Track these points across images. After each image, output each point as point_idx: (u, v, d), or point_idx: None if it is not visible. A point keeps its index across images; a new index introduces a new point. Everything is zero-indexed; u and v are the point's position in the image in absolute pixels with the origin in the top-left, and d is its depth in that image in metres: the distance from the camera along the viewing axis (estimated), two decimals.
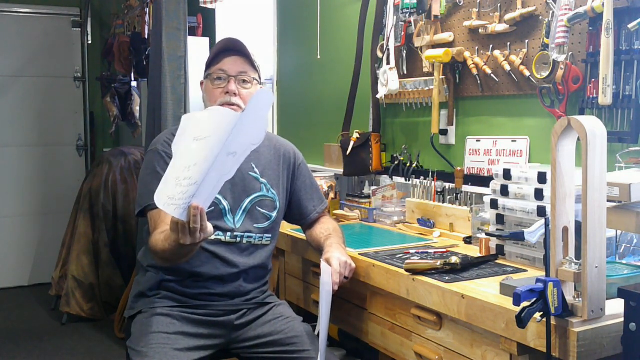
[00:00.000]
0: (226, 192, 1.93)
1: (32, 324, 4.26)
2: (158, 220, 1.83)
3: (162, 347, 1.76)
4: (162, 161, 1.90)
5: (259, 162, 2.03)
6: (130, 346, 1.84)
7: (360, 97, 2.94)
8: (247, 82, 1.95)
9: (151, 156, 1.95)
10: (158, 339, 1.78)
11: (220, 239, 1.91)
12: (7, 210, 5.19)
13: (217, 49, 1.98)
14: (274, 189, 2.03)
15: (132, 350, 1.82)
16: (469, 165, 2.39)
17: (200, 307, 1.90)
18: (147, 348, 1.76)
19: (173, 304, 1.89)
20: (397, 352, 1.88)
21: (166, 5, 3.29)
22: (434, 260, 1.79)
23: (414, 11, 2.51)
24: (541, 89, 2.04)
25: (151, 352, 1.74)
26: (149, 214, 1.87)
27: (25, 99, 5.23)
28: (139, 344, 1.80)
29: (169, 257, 1.72)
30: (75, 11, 5.37)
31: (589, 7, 1.82)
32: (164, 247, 1.68)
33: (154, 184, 1.64)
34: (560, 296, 1.30)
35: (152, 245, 1.78)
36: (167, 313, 1.86)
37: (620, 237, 1.73)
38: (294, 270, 2.45)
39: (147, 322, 1.85)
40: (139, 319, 1.90)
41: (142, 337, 1.81)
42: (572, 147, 1.35)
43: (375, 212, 2.57)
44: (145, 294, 1.93)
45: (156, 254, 1.76)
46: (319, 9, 3.25)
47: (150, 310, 1.89)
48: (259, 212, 1.98)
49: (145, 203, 1.87)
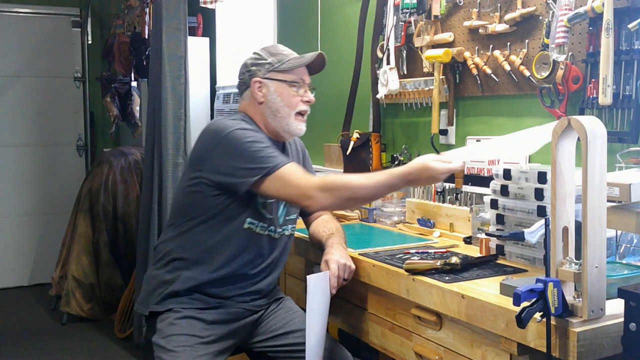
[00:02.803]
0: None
1: (32, 324, 4.26)
2: (296, 171, 1.81)
3: (195, 350, 1.79)
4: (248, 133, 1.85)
5: (293, 156, 2.08)
6: (159, 343, 1.82)
7: (360, 97, 2.94)
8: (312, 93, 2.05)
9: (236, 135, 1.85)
10: (190, 342, 1.81)
11: (271, 234, 1.95)
12: (7, 210, 5.19)
13: (307, 58, 2.01)
14: None
15: (161, 348, 1.81)
16: (469, 165, 2.38)
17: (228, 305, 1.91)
18: (180, 349, 1.78)
19: (203, 306, 1.89)
20: (397, 352, 1.88)
21: (166, 5, 3.29)
22: (434, 260, 1.79)
23: (414, 11, 2.51)
24: (541, 89, 2.04)
25: (184, 354, 1.77)
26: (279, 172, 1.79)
27: (25, 99, 5.23)
28: (169, 342, 1.80)
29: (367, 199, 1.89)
30: (75, 11, 5.37)
31: (589, 7, 1.82)
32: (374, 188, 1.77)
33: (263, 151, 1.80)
34: (560, 296, 1.30)
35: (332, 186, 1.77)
36: (199, 317, 1.87)
37: (620, 237, 1.72)
38: (294, 270, 2.45)
39: (178, 322, 1.85)
40: (168, 317, 1.87)
41: (173, 337, 1.81)
42: (572, 147, 1.35)
43: (375, 212, 2.57)
44: (178, 293, 1.90)
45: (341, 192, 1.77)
46: (319, 9, 3.25)
47: (181, 310, 1.87)
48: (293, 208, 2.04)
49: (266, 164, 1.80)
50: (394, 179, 1.75)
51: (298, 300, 2.42)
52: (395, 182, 1.76)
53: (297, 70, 1.99)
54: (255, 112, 1.98)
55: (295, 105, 1.96)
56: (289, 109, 1.96)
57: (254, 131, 1.89)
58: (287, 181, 1.79)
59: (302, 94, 1.98)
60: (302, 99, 1.98)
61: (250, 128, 1.90)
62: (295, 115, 1.97)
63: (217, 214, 1.88)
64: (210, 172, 1.85)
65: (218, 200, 1.87)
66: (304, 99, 1.98)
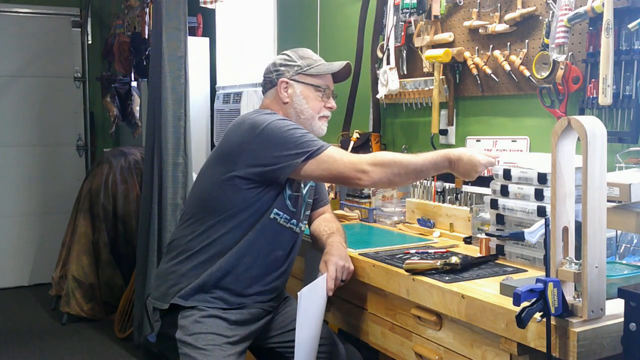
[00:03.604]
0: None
1: (32, 324, 4.26)
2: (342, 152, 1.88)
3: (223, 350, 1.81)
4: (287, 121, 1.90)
5: None
6: (186, 340, 1.82)
7: (360, 97, 2.94)
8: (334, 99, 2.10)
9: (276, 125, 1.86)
10: (218, 341, 1.82)
11: (292, 228, 1.97)
12: (7, 210, 5.19)
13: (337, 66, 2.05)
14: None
15: (189, 345, 1.81)
16: None
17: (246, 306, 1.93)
18: (210, 347, 1.80)
19: (226, 306, 1.90)
20: (397, 352, 1.88)
21: (166, 5, 3.29)
22: (434, 260, 1.79)
23: (414, 11, 2.51)
24: (541, 89, 2.04)
25: (214, 353, 1.79)
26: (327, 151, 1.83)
27: (25, 99, 5.23)
28: (197, 340, 1.81)
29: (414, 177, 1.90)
30: (75, 11, 5.37)
31: (589, 7, 1.82)
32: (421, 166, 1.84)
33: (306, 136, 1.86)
34: (560, 296, 1.30)
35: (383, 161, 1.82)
36: (222, 316, 1.88)
37: (620, 237, 1.72)
38: (294, 270, 2.45)
39: (203, 320, 1.85)
40: (192, 315, 1.86)
41: (201, 335, 1.82)
42: (572, 147, 1.35)
43: (375, 212, 2.57)
44: (203, 288, 1.89)
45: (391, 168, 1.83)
46: (319, 9, 3.25)
47: (206, 309, 1.87)
48: (308, 202, 2.07)
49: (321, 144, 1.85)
50: (440, 158, 1.84)
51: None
52: (440, 160, 1.84)
53: (324, 76, 2.05)
54: (279, 111, 2.01)
55: (319, 109, 2.03)
56: (313, 111, 2.02)
57: (290, 121, 1.94)
58: (337, 159, 1.84)
59: (325, 99, 2.05)
60: (325, 105, 2.04)
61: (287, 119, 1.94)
62: (319, 118, 2.04)
63: (248, 206, 1.89)
64: (248, 165, 1.86)
65: (251, 193, 1.88)
66: (327, 104, 2.05)
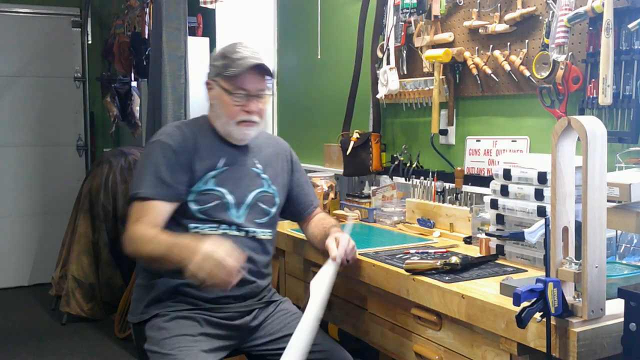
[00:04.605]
0: (232, 187, 1.94)
1: (32, 324, 4.26)
2: (142, 212, 1.84)
3: (190, 349, 1.76)
4: (161, 155, 1.89)
5: (261, 158, 2.04)
6: (153, 349, 1.80)
7: (360, 97, 2.94)
8: (263, 97, 1.95)
9: (152, 147, 1.93)
10: (184, 342, 1.78)
11: (226, 232, 1.92)
12: (7, 210, 5.19)
13: (244, 67, 1.89)
14: (275, 185, 2.04)
15: (156, 354, 1.78)
16: (469, 165, 2.39)
17: (216, 309, 1.89)
18: (175, 351, 1.75)
19: (190, 307, 1.88)
20: (397, 352, 1.88)
21: (166, 5, 3.29)
22: (434, 260, 1.79)
23: (414, 11, 2.51)
24: (541, 89, 2.04)
25: (181, 355, 1.74)
26: (135, 202, 1.86)
27: (25, 99, 5.23)
28: (163, 347, 1.77)
29: (147, 260, 1.81)
30: (75, 11, 5.37)
31: (589, 7, 1.82)
32: (152, 251, 1.75)
33: (148, 176, 1.82)
34: (560, 296, 1.30)
35: (133, 237, 1.79)
36: (188, 315, 1.85)
37: (620, 237, 1.72)
38: (294, 270, 2.45)
39: (167, 325, 1.83)
40: (155, 322, 1.86)
41: (165, 340, 1.79)
42: (572, 147, 1.35)
43: (375, 212, 2.57)
44: (160, 298, 1.90)
45: (134, 246, 1.79)
46: (319, 9, 3.25)
47: (168, 313, 1.86)
48: (260, 207, 1.99)
49: (135, 190, 1.87)
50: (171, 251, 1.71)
51: (298, 300, 2.42)
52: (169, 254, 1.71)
53: (240, 78, 1.89)
54: (209, 111, 2.01)
55: (234, 114, 1.91)
56: (228, 118, 1.92)
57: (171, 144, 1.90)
58: (132, 213, 1.86)
59: (242, 103, 1.90)
60: (243, 109, 1.91)
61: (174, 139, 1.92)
62: (237, 123, 1.92)
63: (169, 221, 1.88)
64: None
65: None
66: (245, 108, 1.91)
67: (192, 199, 1.90)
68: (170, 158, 1.88)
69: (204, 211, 1.90)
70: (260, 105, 1.94)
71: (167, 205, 1.86)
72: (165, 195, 1.85)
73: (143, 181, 1.86)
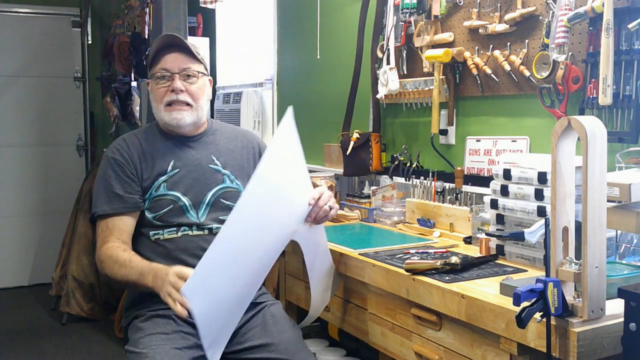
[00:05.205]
0: (186, 188, 1.93)
1: (32, 324, 4.26)
2: (107, 231, 1.87)
3: (162, 347, 1.75)
4: (110, 169, 1.92)
5: (220, 154, 2.02)
6: (129, 349, 1.81)
7: (360, 97, 2.94)
8: (192, 77, 1.94)
9: (102, 163, 1.97)
10: (157, 340, 1.77)
11: (187, 233, 1.91)
12: (7, 210, 5.19)
13: (156, 46, 1.94)
14: (239, 180, 2.00)
15: (132, 354, 1.79)
16: (469, 165, 2.39)
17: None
18: (147, 349, 1.74)
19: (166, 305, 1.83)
20: (397, 352, 1.88)
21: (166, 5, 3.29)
22: (434, 260, 1.79)
23: (414, 11, 2.51)
24: (541, 89, 2.04)
25: (152, 353, 1.73)
26: (98, 222, 1.90)
27: (25, 99, 5.23)
28: (138, 346, 1.78)
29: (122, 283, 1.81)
30: (75, 11, 5.37)
31: (589, 7, 1.82)
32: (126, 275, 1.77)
33: (102, 193, 1.86)
34: (560, 296, 1.30)
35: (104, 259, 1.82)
36: (164, 314, 1.84)
37: (620, 237, 1.72)
38: (294, 270, 2.45)
39: (143, 325, 1.84)
40: (134, 324, 1.88)
41: (140, 340, 1.79)
42: (572, 147, 1.35)
43: (375, 212, 2.57)
44: (138, 300, 1.90)
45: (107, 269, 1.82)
46: (319, 9, 3.25)
47: (145, 313, 1.87)
48: (224, 203, 1.95)
49: (94, 210, 1.91)
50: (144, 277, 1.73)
51: (298, 300, 2.42)
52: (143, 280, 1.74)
53: (160, 59, 1.91)
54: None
55: (161, 97, 1.92)
56: (157, 103, 1.93)
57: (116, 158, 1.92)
58: (97, 236, 1.90)
59: (167, 84, 1.91)
60: (168, 89, 1.90)
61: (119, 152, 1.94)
62: (165, 107, 1.92)
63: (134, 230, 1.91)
64: None
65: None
66: (169, 88, 1.90)
67: (147, 206, 1.91)
68: (118, 171, 1.91)
69: (159, 217, 1.90)
70: (190, 87, 1.93)
71: (127, 218, 1.89)
72: (121, 208, 1.88)
73: (98, 199, 1.90)
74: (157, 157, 1.95)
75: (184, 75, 1.92)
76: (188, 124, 1.95)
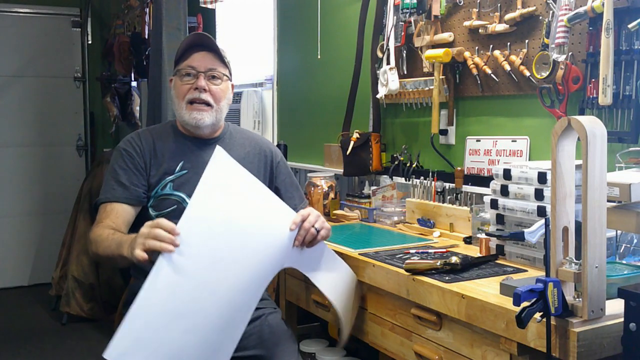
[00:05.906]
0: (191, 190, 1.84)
1: (32, 324, 4.26)
2: (102, 215, 1.87)
3: None
4: (120, 160, 1.93)
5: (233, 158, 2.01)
6: None
7: (360, 97, 2.94)
8: (216, 78, 1.94)
9: (113, 155, 1.98)
10: None
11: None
12: (7, 210, 5.20)
13: (186, 44, 1.95)
14: None
15: None
16: (469, 165, 2.39)
17: None
18: None
19: None
20: (397, 352, 1.88)
21: (166, 5, 3.29)
22: (434, 260, 1.79)
23: (414, 11, 2.51)
24: (541, 89, 2.04)
25: None
26: (99, 208, 1.90)
27: (25, 99, 5.23)
28: None
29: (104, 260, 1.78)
30: (75, 11, 5.37)
31: (589, 7, 1.82)
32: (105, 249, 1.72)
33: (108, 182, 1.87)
34: (560, 296, 1.30)
35: (92, 239, 1.80)
36: None
37: (620, 237, 1.72)
38: (294, 270, 2.45)
39: None
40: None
41: None
42: (572, 147, 1.35)
43: (375, 212, 2.57)
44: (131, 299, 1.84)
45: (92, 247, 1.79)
46: (319, 9, 3.25)
47: None
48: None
49: (98, 197, 1.92)
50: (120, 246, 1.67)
51: (298, 300, 2.42)
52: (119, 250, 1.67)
53: (188, 56, 1.92)
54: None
55: (183, 94, 1.91)
56: (178, 99, 1.93)
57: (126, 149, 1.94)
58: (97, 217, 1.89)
59: (192, 81, 1.91)
60: (192, 86, 1.90)
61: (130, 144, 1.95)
62: (186, 105, 1.92)
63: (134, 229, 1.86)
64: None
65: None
66: (193, 85, 1.90)
67: (151, 204, 1.92)
68: (127, 162, 1.92)
69: (161, 217, 1.84)
70: (214, 88, 1.93)
71: (126, 207, 1.88)
72: (123, 197, 1.88)
73: (104, 188, 1.91)
74: (168, 155, 1.94)
75: (209, 75, 1.92)
76: (207, 125, 1.94)
